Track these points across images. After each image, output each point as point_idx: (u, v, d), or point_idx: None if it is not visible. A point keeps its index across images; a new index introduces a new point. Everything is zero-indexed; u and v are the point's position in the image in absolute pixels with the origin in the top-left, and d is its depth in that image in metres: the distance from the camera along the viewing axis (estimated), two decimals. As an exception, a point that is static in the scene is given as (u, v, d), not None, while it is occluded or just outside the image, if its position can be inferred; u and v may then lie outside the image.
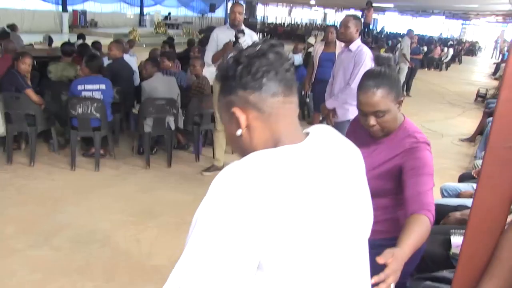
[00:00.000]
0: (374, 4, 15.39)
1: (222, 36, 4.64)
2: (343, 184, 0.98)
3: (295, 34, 27.92)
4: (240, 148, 1.01)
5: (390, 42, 17.72)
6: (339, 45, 5.02)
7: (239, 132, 0.97)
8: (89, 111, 4.74)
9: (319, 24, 37.75)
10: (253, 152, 0.89)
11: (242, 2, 30.85)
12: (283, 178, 0.84)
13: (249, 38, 4.60)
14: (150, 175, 4.96)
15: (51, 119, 5.23)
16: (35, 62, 5.74)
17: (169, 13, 28.23)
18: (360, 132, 1.92)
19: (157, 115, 5.00)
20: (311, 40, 12.28)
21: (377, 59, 1.91)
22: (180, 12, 29.41)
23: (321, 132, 1.02)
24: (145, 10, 27.37)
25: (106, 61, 6.12)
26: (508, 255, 1.34)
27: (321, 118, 5.23)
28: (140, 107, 5.08)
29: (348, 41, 4.10)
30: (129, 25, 24.88)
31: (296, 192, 0.84)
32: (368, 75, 1.80)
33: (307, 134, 1.00)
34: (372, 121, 1.77)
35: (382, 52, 11.61)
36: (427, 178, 1.66)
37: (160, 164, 5.28)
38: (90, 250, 3.39)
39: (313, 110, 6.60)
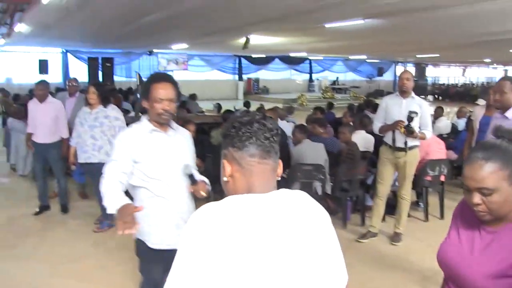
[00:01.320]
0: None
1: (391, 103, 4.70)
2: (294, 235, 1.16)
3: (468, 94, 26.29)
4: (226, 191, 1.29)
5: None
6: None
7: (224, 178, 1.26)
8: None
9: (498, 83, 34.62)
10: (229, 196, 1.19)
11: (412, 66, 30.13)
12: (241, 220, 1.11)
13: (418, 107, 4.58)
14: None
15: (210, 180, 5.72)
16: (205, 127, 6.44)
17: (337, 78, 29.05)
18: (468, 214, 1.62)
19: (305, 180, 5.13)
20: (481, 102, 11.38)
21: (497, 131, 1.58)
22: (348, 77, 29.99)
23: (290, 191, 1.25)
24: (314, 76, 28.64)
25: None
26: None
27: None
28: (288, 172, 5.30)
29: (504, 108, 3.77)
30: (298, 90, 26.34)
31: (246, 233, 1.09)
32: (479, 146, 1.54)
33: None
34: (476, 199, 1.47)
35: None
36: None
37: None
38: None
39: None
